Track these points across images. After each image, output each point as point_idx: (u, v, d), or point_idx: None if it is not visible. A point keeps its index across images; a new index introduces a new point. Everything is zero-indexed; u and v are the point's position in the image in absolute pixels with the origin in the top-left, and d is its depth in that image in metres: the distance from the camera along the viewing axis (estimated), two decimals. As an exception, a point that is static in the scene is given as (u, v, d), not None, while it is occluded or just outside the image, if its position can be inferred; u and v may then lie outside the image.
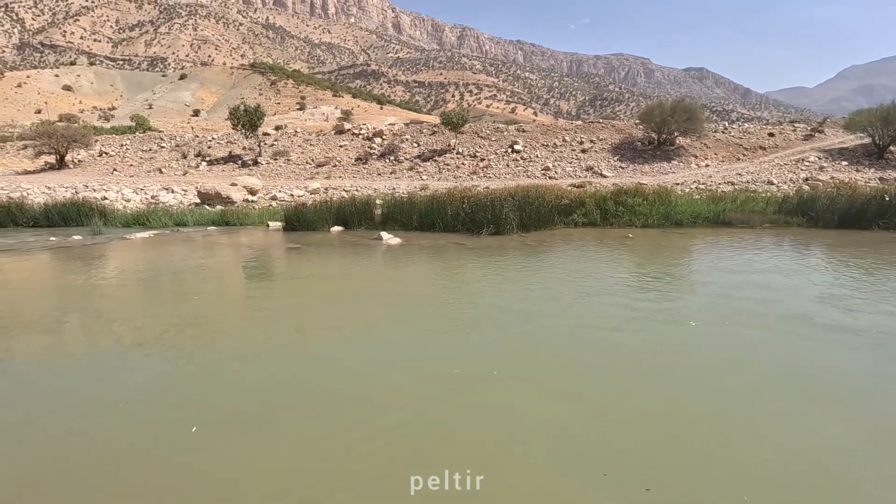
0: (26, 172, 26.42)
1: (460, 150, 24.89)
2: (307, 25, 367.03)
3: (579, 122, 29.21)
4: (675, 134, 23.59)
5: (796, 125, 27.96)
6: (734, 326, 4.88)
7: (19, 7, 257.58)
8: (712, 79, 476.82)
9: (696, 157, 23.09)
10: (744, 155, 23.02)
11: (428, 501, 2.39)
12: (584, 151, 24.05)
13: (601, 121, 28.81)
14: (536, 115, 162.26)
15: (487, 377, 3.77)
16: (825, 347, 4.39)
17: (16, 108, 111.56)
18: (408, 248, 9.71)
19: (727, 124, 30.16)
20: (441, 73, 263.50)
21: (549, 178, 21.20)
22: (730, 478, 2.59)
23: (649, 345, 4.44)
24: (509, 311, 5.49)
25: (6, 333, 4.84)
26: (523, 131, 26.85)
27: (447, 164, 23.86)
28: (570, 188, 14.94)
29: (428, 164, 24.15)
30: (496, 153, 24.49)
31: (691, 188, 17.10)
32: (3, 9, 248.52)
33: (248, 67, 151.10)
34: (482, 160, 23.91)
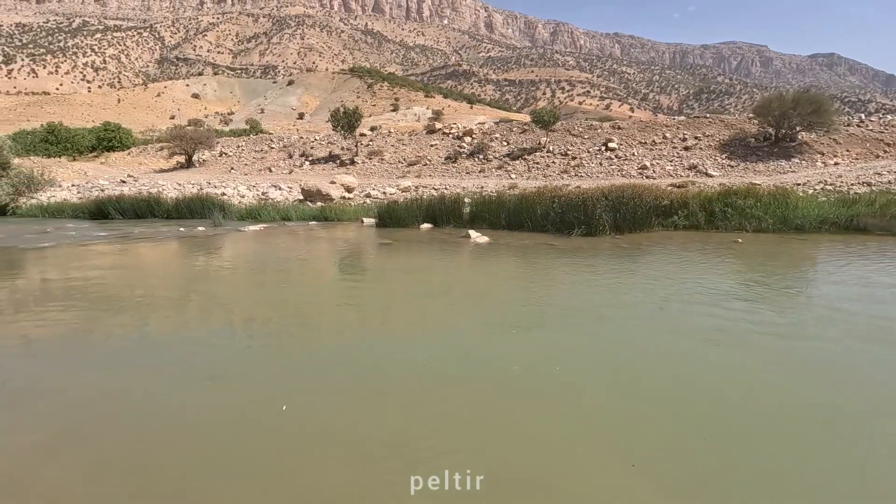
0: (162, 171, 30.26)
1: (551, 149, 24.31)
2: (402, 29, 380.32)
3: (682, 118, 27.20)
4: (797, 129, 21.05)
5: (957, 116, 23.71)
6: (850, 343, 4.23)
7: (160, 26, 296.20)
8: (845, 65, 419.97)
9: (822, 154, 20.46)
10: (885, 151, 19.98)
11: (430, 501, 2.32)
12: (686, 149, 22.34)
13: (707, 115, 26.58)
14: (633, 112, 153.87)
15: (545, 377, 3.63)
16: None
17: (155, 115, 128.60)
18: (495, 246, 9.69)
19: (863, 116, 26.40)
20: (532, 71, 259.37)
21: (647, 177, 19.98)
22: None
23: (738, 358, 3.98)
24: (588, 312, 5.25)
25: (143, 309, 5.61)
26: (618, 128, 25.57)
27: (537, 163, 23.43)
28: (669, 188, 13.96)
29: (517, 162, 23.90)
30: (588, 151, 23.59)
31: (816, 189, 15.17)
32: (148, 29, 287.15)
33: (347, 72, 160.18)
34: (573, 158, 23.16)
